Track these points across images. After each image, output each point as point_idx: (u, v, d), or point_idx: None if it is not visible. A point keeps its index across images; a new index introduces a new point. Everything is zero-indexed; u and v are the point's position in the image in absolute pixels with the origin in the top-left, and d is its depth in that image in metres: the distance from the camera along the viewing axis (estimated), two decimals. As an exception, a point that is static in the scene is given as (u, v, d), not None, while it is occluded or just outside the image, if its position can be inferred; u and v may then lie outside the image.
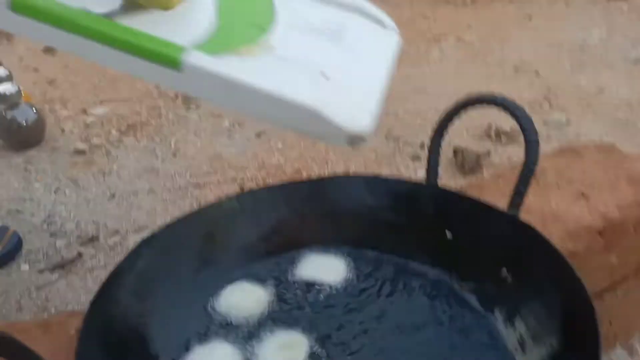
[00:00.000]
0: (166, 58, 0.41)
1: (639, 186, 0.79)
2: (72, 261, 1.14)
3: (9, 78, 1.58)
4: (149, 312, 0.57)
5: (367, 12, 0.53)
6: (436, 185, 0.71)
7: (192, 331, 0.60)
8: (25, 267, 1.13)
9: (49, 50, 2.18)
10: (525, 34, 2.56)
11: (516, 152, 1.62)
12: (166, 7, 0.43)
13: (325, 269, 0.69)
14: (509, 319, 0.59)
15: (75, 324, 0.57)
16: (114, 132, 1.73)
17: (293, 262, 0.69)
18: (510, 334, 0.58)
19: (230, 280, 0.66)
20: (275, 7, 0.48)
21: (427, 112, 1.94)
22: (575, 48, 2.49)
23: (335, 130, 0.42)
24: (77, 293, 1.07)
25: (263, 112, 0.42)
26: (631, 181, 0.80)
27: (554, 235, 0.70)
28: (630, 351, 0.89)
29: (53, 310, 1.03)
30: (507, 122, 1.78)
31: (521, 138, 1.65)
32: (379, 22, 0.53)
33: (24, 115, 1.56)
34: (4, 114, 1.54)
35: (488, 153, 1.60)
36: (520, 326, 0.57)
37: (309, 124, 0.42)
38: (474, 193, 0.79)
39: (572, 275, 0.53)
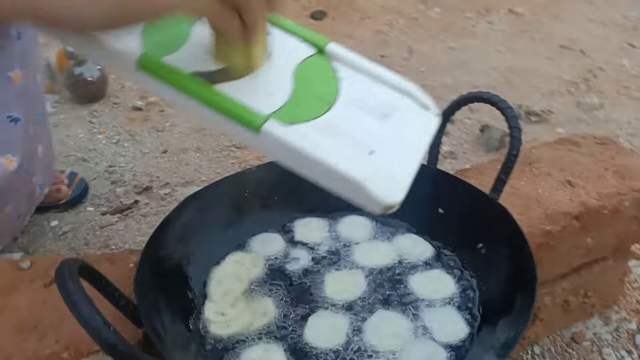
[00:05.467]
0: (250, 124, 0.49)
1: (622, 179, 0.87)
2: (129, 207, 1.32)
3: (78, 38, 1.73)
4: (189, 255, 0.72)
5: (416, 96, 0.58)
6: (435, 167, 0.83)
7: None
8: (90, 209, 1.32)
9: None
10: (580, 9, 2.48)
11: (542, 132, 1.66)
12: (243, 74, 0.52)
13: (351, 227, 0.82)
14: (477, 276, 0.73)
15: (134, 259, 0.74)
16: (168, 91, 1.88)
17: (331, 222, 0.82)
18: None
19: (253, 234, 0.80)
20: (340, 84, 0.55)
21: (465, 88, 1.98)
22: (628, 28, 2.43)
23: (372, 201, 0.48)
24: (133, 234, 1.25)
25: (316, 176, 0.50)
26: (617, 174, 0.88)
27: (534, 217, 0.81)
28: (606, 321, 0.99)
29: (113, 247, 1.21)
30: (538, 103, 1.83)
31: (550, 118, 1.74)
32: (424, 105, 0.59)
33: (90, 72, 1.72)
34: (72, 69, 1.71)
35: (513, 132, 1.65)
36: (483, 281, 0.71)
37: (352, 192, 0.48)
38: (473, 175, 0.90)
39: (527, 251, 0.64)
